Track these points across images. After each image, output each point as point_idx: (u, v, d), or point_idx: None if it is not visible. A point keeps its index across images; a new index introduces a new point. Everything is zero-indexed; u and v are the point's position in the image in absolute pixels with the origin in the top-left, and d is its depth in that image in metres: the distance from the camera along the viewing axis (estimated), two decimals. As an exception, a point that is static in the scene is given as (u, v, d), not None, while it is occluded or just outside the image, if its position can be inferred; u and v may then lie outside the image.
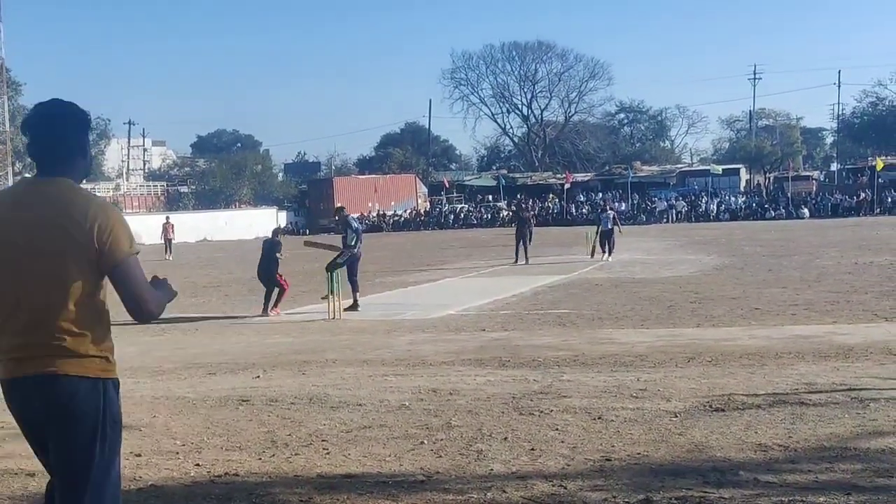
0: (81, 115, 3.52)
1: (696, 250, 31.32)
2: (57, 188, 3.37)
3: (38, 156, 3.43)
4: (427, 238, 52.28)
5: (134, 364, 11.19)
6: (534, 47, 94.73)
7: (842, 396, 7.77)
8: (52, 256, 3.29)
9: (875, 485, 5.37)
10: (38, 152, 3.44)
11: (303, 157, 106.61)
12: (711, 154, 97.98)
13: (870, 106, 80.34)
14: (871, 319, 13.15)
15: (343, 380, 9.44)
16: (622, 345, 11.45)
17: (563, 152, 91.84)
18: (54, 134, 3.42)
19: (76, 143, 3.48)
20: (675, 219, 63.09)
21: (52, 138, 3.42)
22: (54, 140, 3.42)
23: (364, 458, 6.33)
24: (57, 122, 3.44)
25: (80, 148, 3.50)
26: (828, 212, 61.37)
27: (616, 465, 5.94)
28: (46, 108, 3.47)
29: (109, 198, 70.56)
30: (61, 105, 3.49)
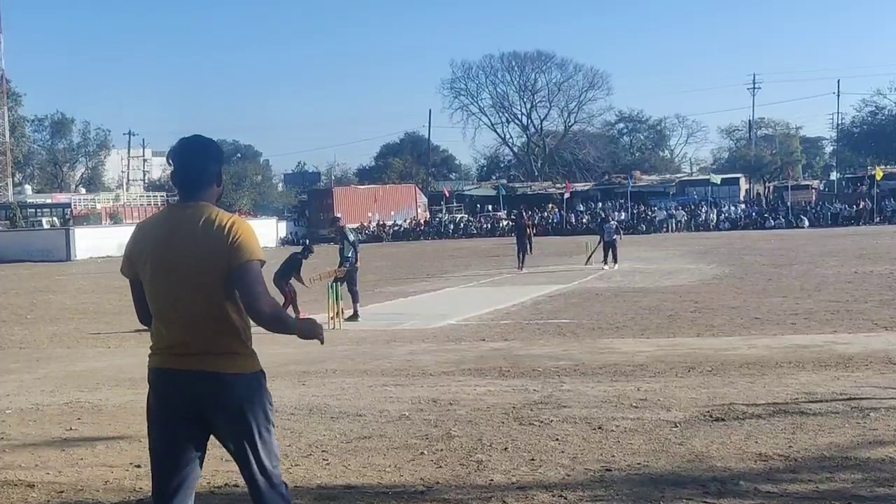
0: (217, 149, 4.09)
1: (695, 260, 31.33)
2: (200, 210, 3.89)
3: (181, 183, 3.98)
4: (427, 248, 52.29)
5: (133, 375, 11.16)
6: (533, 57, 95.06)
7: (842, 406, 7.76)
8: (202, 268, 3.80)
9: (876, 494, 5.36)
10: (181, 180, 3.98)
11: (302, 168, 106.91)
12: (711, 163, 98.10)
13: (869, 115, 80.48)
14: (872, 329, 13.14)
15: (343, 390, 9.43)
16: (622, 354, 11.44)
17: (563, 162, 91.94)
18: (196, 165, 3.98)
19: (213, 173, 4.01)
20: (674, 228, 63.09)
21: (194, 169, 3.97)
22: (196, 170, 3.97)
23: (364, 468, 6.32)
24: (198, 154, 4.00)
25: (217, 176, 4.02)
26: (827, 221, 61.40)
27: (616, 476, 5.93)
28: (190, 142, 4.04)
29: (109, 208, 70.77)
30: (202, 140, 4.06)
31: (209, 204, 3.94)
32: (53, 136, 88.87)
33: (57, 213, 70.83)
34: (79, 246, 52.14)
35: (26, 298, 25.31)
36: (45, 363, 12.69)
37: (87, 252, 51.68)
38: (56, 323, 18.42)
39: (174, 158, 4.00)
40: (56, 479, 6.35)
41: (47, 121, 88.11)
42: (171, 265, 3.83)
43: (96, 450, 7.21)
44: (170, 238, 3.86)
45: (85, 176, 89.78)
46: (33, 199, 73.71)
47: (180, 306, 3.81)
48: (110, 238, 55.54)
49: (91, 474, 6.43)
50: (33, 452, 7.15)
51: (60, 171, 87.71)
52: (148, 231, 4.00)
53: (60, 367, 12.28)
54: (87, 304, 22.97)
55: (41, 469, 6.63)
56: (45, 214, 69.79)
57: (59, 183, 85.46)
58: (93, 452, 7.13)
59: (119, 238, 55.55)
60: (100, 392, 9.98)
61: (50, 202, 73.84)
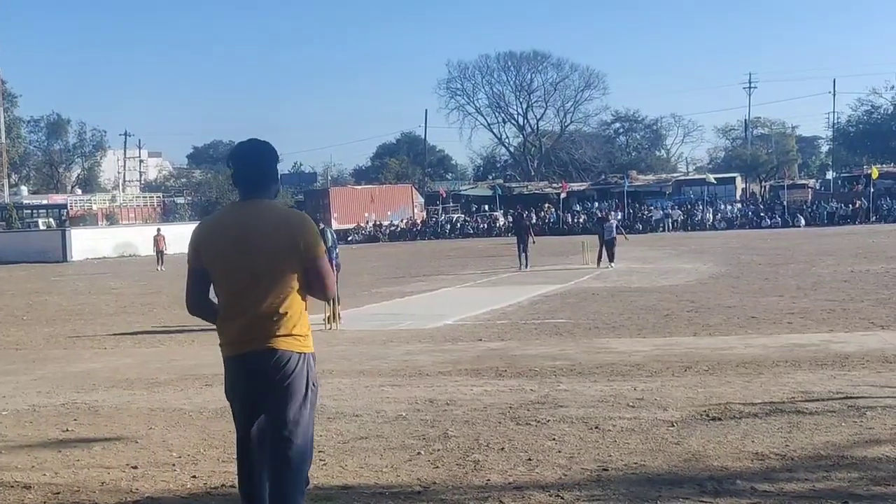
0: (273, 151, 4.48)
1: (692, 259, 31.35)
2: (262, 206, 4.35)
3: (244, 184, 4.38)
4: (423, 248, 52.30)
5: (130, 376, 11.18)
6: (529, 57, 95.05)
7: (838, 405, 7.77)
8: (268, 257, 4.22)
9: (872, 493, 5.37)
10: (242, 180, 4.39)
11: (299, 168, 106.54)
12: (707, 163, 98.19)
13: (865, 114, 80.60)
14: (868, 328, 13.15)
15: (339, 391, 9.43)
16: (619, 354, 11.44)
17: (559, 162, 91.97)
18: (255, 166, 4.41)
19: (271, 172, 4.45)
20: (671, 228, 63.21)
21: (254, 170, 4.40)
22: (256, 171, 4.40)
23: (361, 469, 6.32)
24: (258, 157, 4.43)
25: (273, 175, 4.46)
26: (824, 220, 61.48)
27: (613, 475, 5.93)
28: (249, 146, 4.46)
29: (105, 209, 70.72)
30: (260, 144, 4.47)
31: (274, 202, 4.42)
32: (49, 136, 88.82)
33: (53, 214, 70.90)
34: (75, 247, 52.14)
35: (22, 300, 25.27)
36: (41, 364, 12.68)
37: (84, 253, 51.68)
38: (52, 324, 18.39)
39: (235, 162, 4.40)
40: (52, 480, 6.35)
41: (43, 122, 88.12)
42: (244, 262, 4.23)
43: (93, 451, 7.21)
44: (241, 236, 4.25)
45: (81, 177, 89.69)
46: (29, 201, 73.72)
47: (251, 298, 4.23)
48: (106, 239, 55.67)
49: (87, 475, 6.43)
50: (30, 454, 7.15)
51: (56, 172, 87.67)
52: (217, 227, 4.41)
53: (57, 368, 12.26)
54: (83, 305, 22.94)
55: (38, 470, 6.63)
56: (41, 215, 69.86)
57: (56, 184, 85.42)
58: (89, 454, 7.13)
59: (116, 239, 55.73)
60: (96, 393, 9.97)
61: (46, 203, 73.88)
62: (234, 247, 4.25)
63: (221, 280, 4.33)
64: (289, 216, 4.38)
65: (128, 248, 53.97)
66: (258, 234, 4.24)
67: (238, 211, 4.41)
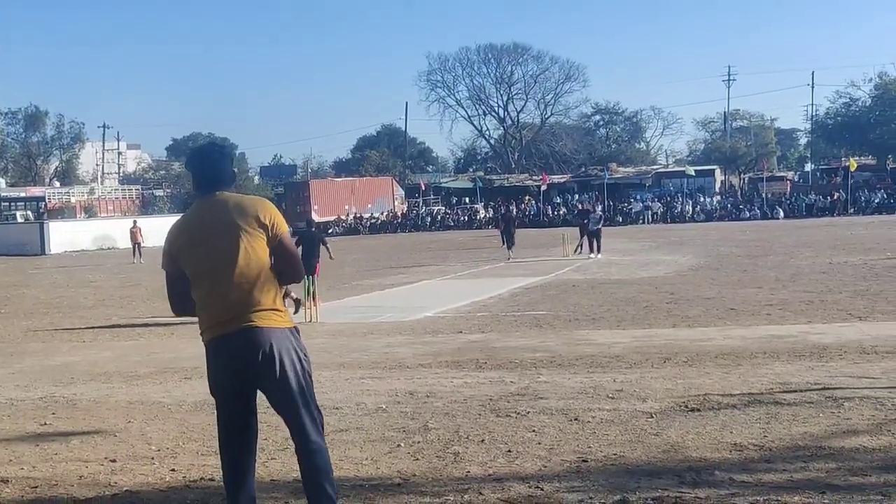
0: (226, 150, 4.77)
1: (671, 251, 31.45)
2: (224, 196, 4.53)
3: (203, 183, 4.58)
4: (404, 240, 52.27)
5: (108, 369, 11.13)
6: (509, 49, 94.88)
7: (816, 396, 7.82)
8: (237, 237, 4.37)
9: (849, 483, 5.40)
10: (202, 181, 4.58)
11: (279, 160, 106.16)
12: (686, 155, 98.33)
13: (843, 107, 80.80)
14: (846, 319, 13.23)
15: (319, 383, 9.31)
16: (599, 346, 11.48)
17: (540, 154, 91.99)
18: (212, 168, 4.60)
19: (227, 170, 4.65)
20: (650, 220, 63.38)
21: (211, 170, 4.59)
22: (213, 171, 4.59)
23: (340, 461, 6.30)
24: (214, 159, 4.64)
25: (229, 173, 4.67)
26: (802, 212, 61.80)
27: (592, 466, 5.95)
28: (204, 150, 4.73)
29: (83, 202, 70.25)
30: (215, 147, 4.77)
31: (230, 192, 4.57)
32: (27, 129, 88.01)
33: (31, 206, 70.43)
34: (53, 240, 51.83)
35: (0, 293, 25.11)
36: (19, 358, 12.61)
37: (62, 246, 51.38)
38: (30, 317, 18.29)
39: (193, 167, 4.62)
40: (30, 474, 6.32)
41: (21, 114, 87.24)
42: (215, 250, 4.38)
43: (71, 444, 7.17)
44: (209, 225, 4.43)
45: (59, 169, 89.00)
46: (7, 193, 73.24)
47: (223, 277, 4.36)
48: (85, 232, 55.36)
49: (65, 469, 6.40)
50: (7, 447, 7.12)
51: (34, 165, 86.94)
52: (184, 226, 4.56)
53: (35, 361, 12.19)
54: (61, 298, 22.82)
55: (15, 464, 6.60)
56: (19, 208, 69.44)
57: (34, 176, 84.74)
58: (67, 447, 7.09)
59: (94, 232, 55.44)
60: (74, 387, 9.92)
61: (24, 196, 73.39)
62: (204, 237, 4.41)
63: (197, 271, 4.44)
64: (251, 198, 4.59)
65: (106, 241, 53.69)
66: (224, 218, 4.41)
67: (202, 205, 4.56)
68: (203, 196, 4.57)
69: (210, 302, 4.41)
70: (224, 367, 4.40)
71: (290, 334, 4.45)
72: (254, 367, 4.35)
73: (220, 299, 4.38)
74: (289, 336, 4.44)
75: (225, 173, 4.62)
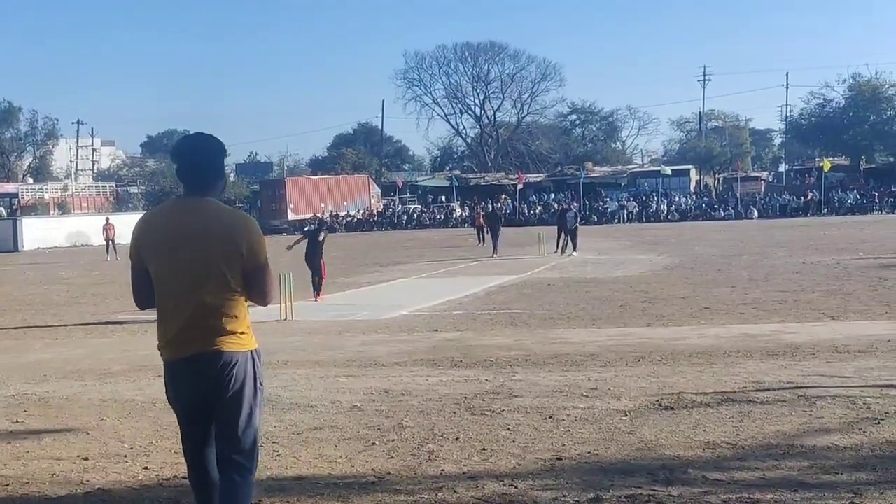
0: (220, 145, 4.32)
1: (646, 250, 31.58)
2: (206, 205, 4.18)
3: (188, 179, 4.22)
4: (380, 238, 52.25)
5: (81, 367, 11.06)
6: (486, 48, 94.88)
7: (789, 394, 7.87)
8: (209, 258, 4.08)
9: (821, 481, 5.44)
10: (186, 176, 4.22)
11: (254, 158, 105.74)
12: (662, 155, 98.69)
13: (817, 108, 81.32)
14: (819, 318, 13.32)
15: (294, 381, 9.39)
16: (574, 344, 11.51)
17: (516, 153, 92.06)
18: (200, 162, 4.23)
19: (216, 168, 4.29)
20: (626, 219, 63.64)
21: (199, 166, 4.23)
22: (200, 167, 4.23)
23: (315, 459, 6.31)
24: (203, 151, 4.26)
25: (219, 171, 4.31)
26: (776, 212, 62.24)
27: (566, 465, 5.97)
28: (194, 140, 4.34)
29: (57, 199, 69.75)
30: (205, 138, 4.32)
31: (216, 201, 4.23)
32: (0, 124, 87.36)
33: (4, 203, 69.80)
34: (26, 236, 51.47)
35: (-28, 290, 24.88)
36: (-10, 355, 12.50)
37: (35, 243, 51.03)
38: (3, 314, 18.14)
39: (179, 158, 4.26)
40: (2, 472, 6.27)
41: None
42: (182, 261, 4.09)
43: (43, 442, 7.12)
44: (180, 234, 4.12)
45: (32, 165, 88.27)
46: (-21, 189, 72.56)
47: (187, 296, 4.09)
48: (58, 228, 54.99)
49: (37, 467, 6.36)
50: (-22, 446, 7.05)
51: (7, 161, 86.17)
52: (157, 223, 4.25)
53: (7, 359, 12.10)
54: (34, 295, 22.64)
55: (-14, 462, 6.54)
56: (-9, 204, 68.73)
57: (7, 172, 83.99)
58: (39, 445, 7.04)
59: (67, 229, 55.06)
60: (47, 384, 9.85)
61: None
62: (175, 245, 4.12)
63: (160, 279, 4.18)
64: (233, 218, 4.21)
65: (80, 238, 53.31)
66: (200, 233, 4.11)
67: (180, 208, 4.26)
68: (187, 197, 4.24)
69: (173, 316, 4.16)
70: (182, 389, 4.22)
71: (252, 358, 4.22)
72: (213, 392, 4.15)
73: (184, 317, 4.12)
74: (250, 360, 4.20)
75: (215, 172, 4.29)
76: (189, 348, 4.13)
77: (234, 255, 4.11)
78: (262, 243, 4.21)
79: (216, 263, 4.09)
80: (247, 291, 4.19)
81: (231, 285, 4.12)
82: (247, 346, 4.20)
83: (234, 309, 4.15)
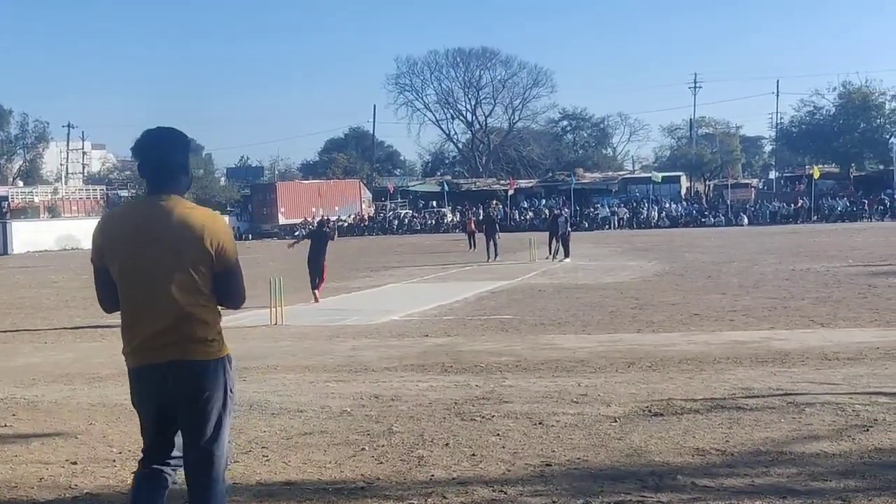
0: (184, 139, 4.11)
1: (637, 257, 31.63)
2: (172, 203, 3.97)
3: (150, 176, 4.03)
4: (371, 243, 52.23)
5: (70, 371, 11.03)
6: (478, 54, 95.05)
7: (778, 401, 7.88)
8: (176, 260, 3.89)
9: (809, 489, 5.46)
10: (150, 174, 4.03)
11: (245, 162, 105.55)
12: (653, 161, 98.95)
13: (807, 115, 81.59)
14: (808, 325, 13.35)
15: (284, 386, 9.38)
16: (564, 350, 11.51)
17: (507, 159, 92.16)
18: (164, 157, 4.02)
19: (182, 164, 4.08)
20: (616, 225, 63.79)
21: (162, 161, 4.02)
22: (164, 162, 4.02)
23: (304, 464, 6.30)
24: (166, 146, 4.04)
25: (183, 167, 4.09)
26: (766, 219, 62.44)
27: (556, 470, 5.97)
28: (156, 134, 4.08)
29: (47, 202, 69.54)
30: (168, 131, 4.09)
31: (181, 199, 4.03)
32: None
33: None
34: (16, 240, 51.40)
35: (-39, 293, 24.80)
36: (-21, 359, 12.45)
37: (25, 246, 50.94)
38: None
39: (140, 152, 4.05)
40: (-11, 476, 6.24)
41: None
42: (147, 263, 3.91)
43: (31, 447, 7.10)
44: (145, 235, 3.92)
45: (23, 169, 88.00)
46: (-31, 192, 72.27)
47: (156, 302, 3.91)
48: (48, 232, 54.89)
49: (26, 471, 6.33)
50: (-34, 450, 7.02)
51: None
52: (119, 224, 4.06)
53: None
54: (23, 298, 22.57)
55: (-26, 466, 6.51)
56: (-20, 208, 68.44)
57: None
58: (28, 449, 7.02)
59: (57, 232, 54.94)
60: (36, 388, 9.82)
61: (-14, 195, 72.45)
62: (140, 247, 3.92)
63: (125, 282, 3.99)
64: (202, 217, 4.00)
65: (70, 241, 53.22)
66: (166, 234, 3.91)
67: (144, 207, 4.06)
68: (151, 193, 4.04)
69: (140, 321, 3.96)
70: (149, 397, 4.04)
71: (223, 366, 4.05)
72: (180, 402, 3.98)
73: (151, 322, 3.93)
74: (220, 368, 4.03)
75: (180, 168, 4.08)
76: (158, 355, 3.94)
77: (203, 255, 3.93)
78: (233, 242, 4.06)
79: (184, 265, 3.91)
80: (217, 294, 4.03)
81: (201, 288, 3.95)
82: (218, 354, 4.04)
83: (204, 313, 3.98)
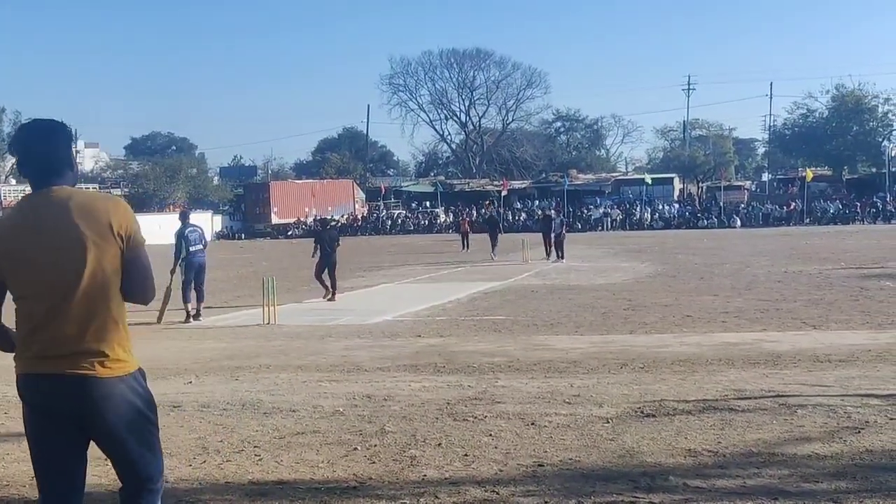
0: (65, 130, 3.72)
1: (630, 258, 31.65)
2: (64, 193, 3.58)
3: (32, 171, 3.63)
4: (364, 244, 52.20)
5: (63, 369, 10.99)
6: (472, 54, 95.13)
7: (770, 403, 7.89)
8: (78, 249, 3.47)
9: (801, 490, 5.46)
10: (32, 167, 3.64)
11: (239, 161, 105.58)
12: (646, 163, 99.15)
13: (800, 118, 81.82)
14: (800, 327, 13.38)
15: (276, 385, 9.37)
16: (556, 351, 11.52)
17: (501, 159, 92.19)
18: (47, 150, 3.63)
19: (66, 157, 3.68)
20: (609, 227, 63.79)
21: (46, 154, 3.63)
22: (48, 155, 3.63)
23: (296, 464, 6.29)
24: (47, 139, 3.65)
25: (68, 160, 3.69)
26: (759, 221, 62.52)
27: (548, 471, 5.97)
28: (35, 126, 3.69)
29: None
30: (48, 123, 3.70)
31: (72, 188, 3.65)
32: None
33: (-15, 204, 69.33)
34: (8, 238, 51.12)
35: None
36: (-30, 357, 12.41)
37: (17, 244, 50.70)
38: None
39: (21, 146, 3.66)
40: (-19, 474, 6.23)
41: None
42: (51, 261, 3.48)
43: (23, 445, 6.98)
44: (46, 227, 3.50)
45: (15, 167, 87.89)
46: (-39, 190, 72.13)
47: (65, 305, 3.48)
48: (40, 230, 54.63)
49: (18, 470, 6.32)
50: (-43, 448, 7.01)
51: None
52: (9, 227, 3.60)
53: (-13, 361, 12.01)
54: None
55: (-35, 465, 6.50)
56: (-28, 205, 68.23)
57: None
58: (20, 447, 6.97)
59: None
60: (27, 386, 9.77)
61: (-22, 193, 72.29)
62: (35, 244, 3.50)
63: (21, 288, 3.56)
64: (101, 197, 3.67)
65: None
66: (67, 223, 3.49)
67: (34, 203, 3.60)
68: (38, 189, 3.60)
69: (39, 327, 3.52)
70: (42, 412, 3.60)
71: (134, 382, 3.60)
72: (80, 420, 3.54)
73: (53, 329, 3.49)
74: (130, 386, 3.57)
75: (65, 161, 3.66)
76: (54, 365, 3.51)
77: (108, 239, 3.51)
78: (138, 224, 3.64)
79: (92, 260, 3.48)
80: (126, 285, 3.59)
81: (110, 287, 3.54)
82: (125, 370, 3.59)
83: (113, 322, 3.57)
